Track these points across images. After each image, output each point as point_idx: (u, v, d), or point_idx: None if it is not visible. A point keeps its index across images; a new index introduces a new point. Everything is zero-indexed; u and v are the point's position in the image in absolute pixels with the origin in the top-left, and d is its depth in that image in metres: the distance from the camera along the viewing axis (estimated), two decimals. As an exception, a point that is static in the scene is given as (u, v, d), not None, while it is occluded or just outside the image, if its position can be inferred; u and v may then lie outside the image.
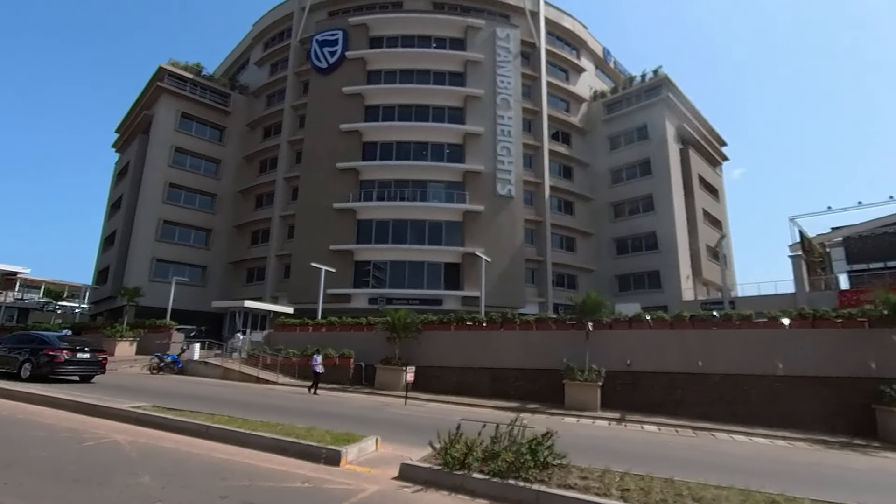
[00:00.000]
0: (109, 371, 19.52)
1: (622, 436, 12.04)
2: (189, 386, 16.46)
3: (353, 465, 6.16)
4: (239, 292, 37.28)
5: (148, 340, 26.00)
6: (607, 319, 18.21)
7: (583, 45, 44.82)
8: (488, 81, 36.88)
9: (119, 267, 38.04)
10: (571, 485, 5.09)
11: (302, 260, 32.61)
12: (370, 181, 35.86)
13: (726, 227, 45.48)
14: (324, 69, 37.81)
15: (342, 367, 20.66)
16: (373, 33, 38.58)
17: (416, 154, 36.48)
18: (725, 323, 16.81)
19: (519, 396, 18.35)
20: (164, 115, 39.04)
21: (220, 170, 41.21)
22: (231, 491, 4.89)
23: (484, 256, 26.03)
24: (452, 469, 5.48)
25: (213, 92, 41.67)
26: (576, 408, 16.39)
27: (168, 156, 38.62)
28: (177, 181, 38.66)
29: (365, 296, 33.43)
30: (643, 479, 5.37)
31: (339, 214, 34.54)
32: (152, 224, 37.06)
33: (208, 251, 39.66)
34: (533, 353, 18.84)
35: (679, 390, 16.65)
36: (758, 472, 7.58)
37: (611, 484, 5.15)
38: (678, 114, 40.70)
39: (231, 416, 8.10)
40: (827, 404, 14.98)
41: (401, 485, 5.46)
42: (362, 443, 6.65)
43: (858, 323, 15.31)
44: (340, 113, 36.23)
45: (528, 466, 5.30)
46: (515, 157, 35.91)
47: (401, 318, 19.98)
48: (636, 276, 38.53)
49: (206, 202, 40.39)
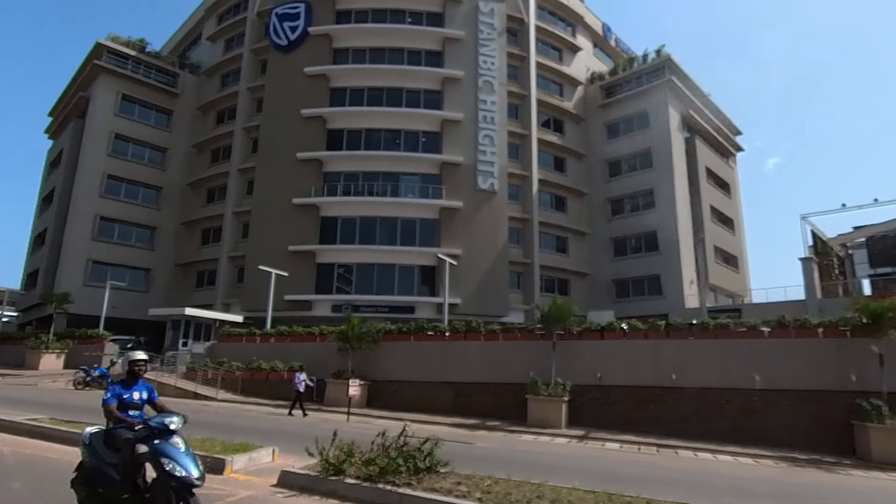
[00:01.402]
0: (27, 385, 20.26)
1: (565, 451, 12.99)
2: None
3: (237, 474, 7.00)
4: (188, 298, 37.86)
5: (77, 353, 26.71)
6: (577, 329, 19.10)
7: (579, 20, 45.82)
8: (469, 61, 37.71)
9: (50, 269, 38.63)
10: (438, 489, 5.95)
11: (256, 262, 33.23)
12: (335, 173, 36.62)
13: (739, 225, 46.63)
14: (284, 46, 38.55)
15: (290, 382, 21.41)
16: (340, 6, 39.34)
17: (387, 143, 37.26)
18: (702, 333, 17.76)
19: (482, 413, 19.24)
20: (102, 98, 39.69)
21: (166, 159, 41.90)
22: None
23: (450, 260, 26.93)
24: (328, 475, 6.33)
25: (158, 71, 42.37)
26: (539, 425, 17.28)
27: (107, 143, 39.27)
28: (116, 172, 39.30)
29: (328, 303, 34.14)
30: (511, 483, 6.24)
31: (299, 211, 35.23)
32: (88, 221, 37.69)
33: (152, 252, 40.34)
34: (498, 366, 19.72)
35: (652, 406, 17.59)
36: (673, 484, 8.47)
37: (478, 488, 6.02)
38: (684, 99, 41.73)
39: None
40: (806, 420, 15.96)
41: (276, 491, 6.31)
42: (254, 453, 7.49)
43: (840, 332, 16.29)
44: (302, 96, 36.92)
45: (400, 471, 6.16)
46: (499, 147, 36.76)
47: (354, 326, 20.82)
48: (635, 281, 39.50)
49: (151, 196, 41.06)
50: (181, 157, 42.45)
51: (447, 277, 26.50)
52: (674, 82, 40.44)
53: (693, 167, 40.85)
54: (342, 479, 6.24)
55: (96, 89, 39.98)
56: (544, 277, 38.60)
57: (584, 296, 39.79)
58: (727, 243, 43.23)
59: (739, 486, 9.55)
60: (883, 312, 15.35)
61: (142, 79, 41.21)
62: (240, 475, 6.96)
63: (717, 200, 43.10)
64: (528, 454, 11.80)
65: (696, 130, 42.63)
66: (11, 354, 28.06)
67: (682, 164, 39.95)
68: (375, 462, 6.30)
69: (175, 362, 23.54)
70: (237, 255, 37.36)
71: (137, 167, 40.45)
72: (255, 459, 7.36)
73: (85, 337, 27.61)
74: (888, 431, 14.28)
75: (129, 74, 40.60)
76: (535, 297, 37.34)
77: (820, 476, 12.10)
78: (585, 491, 6.23)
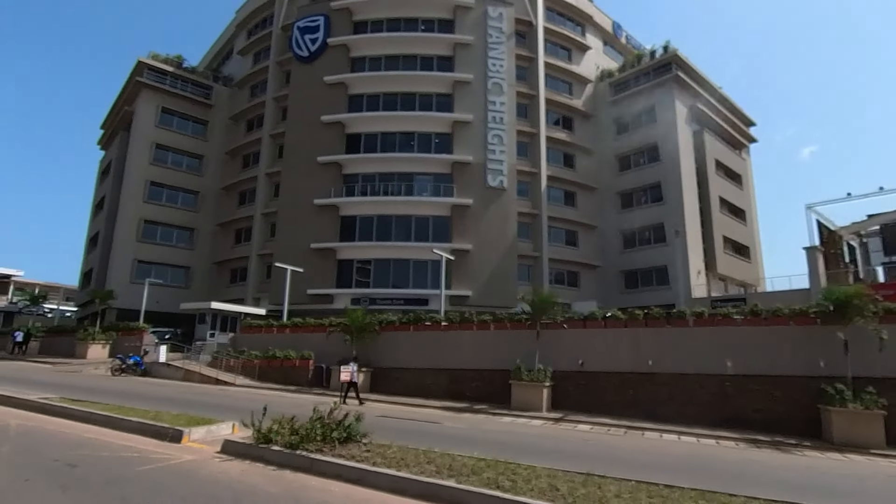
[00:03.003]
0: (72, 372, 22.03)
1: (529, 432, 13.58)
2: (136, 386, 18.65)
3: (194, 443, 7.91)
4: (223, 293, 39.81)
5: (120, 343, 28.60)
6: (561, 318, 19.49)
7: (588, 20, 45.50)
8: (479, 65, 38.15)
9: (101, 269, 41.16)
10: (344, 455, 6.69)
11: (283, 259, 34.67)
12: (353, 175, 37.72)
13: (752, 216, 45.57)
14: (305, 58, 39.84)
15: (301, 369, 22.61)
16: (356, 17, 40.37)
17: (401, 145, 38.14)
18: (678, 321, 17.90)
19: (474, 397, 19.87)
20: (144, 111, 41.88)
21: (202, 166, 43.89)
22: (67, 458, 6.69)
23: (447, 255, 27.55)
24: (259, 444, 7.15)
25: (194, 85, 44.33)
26: (522, 408, 17.81)
27: (149, 153, 41.45)
28: (158, 179, 41.47)
29: (348, 296, 35.30)
30: (412, 451, 6.94)
31: (321, 211, 36.54)
32: (133, 224, 39.96)
33: (192, 251, 42.40)
34: (489, 353, 20.31)
35: (630, 391, 17.86)
36: (603, 459, 8.91)
37: (379, 455, 6.73)
38: (692, 93, 41.06)
39: (121, 406, 9.98)
40: (776, 404, 15.98)
41: (217, 456, 7.18)
42: (213, 426, 8.40)
43: (811, 320, 16.20)
44: (322, 104, 38.18)
45: (316, 440, 6.92)
46: (508, 146, 37.13)
47: (357, 318, 21.75)
48: (643, 272, 39.24)
49: (190, 200, 43.13)
50: (216, 164, 44.37)
51: (443, 272, 27.22)
52: (681, 77, 39.85)
53: (701, 160, 40.21)
54: (270, 447, 7.05)
55: (139, 103, 42.17)
56: (554, 270, 38.80)
57: (593, 287, 39.87)
58: (738, 233, 42.37)
59: (667, 461, 9.91)
60: (848, 300, 15.24)
61: (179, 92, 43.23)
62: (195, 444, 7.87)
63: (728, 191, 42.26)
64: (489, 433, 12.41)
65: (705, 123, 41.84)
66: (65, 345, 30.27)
67: (689, 158, 39.39)
68: (298, 433, 7.09)
69: (201, 351, 24.98)
70: (265, 252, 38.92)
71: (177, 174, 42.54)
72: (214, 432, 8.25)
73: (127, 329, 29.50)
74: (849, 415, 14.25)
75: (167, 89, 42.67)
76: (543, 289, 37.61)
77: (768, 455, 12.25)
78: (476, 458, 6.86)
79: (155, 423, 8.30)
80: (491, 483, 5.75)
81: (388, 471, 6.08)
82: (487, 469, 6.38)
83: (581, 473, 6.56)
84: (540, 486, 5.79)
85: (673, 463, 9.80)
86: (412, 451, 7.11)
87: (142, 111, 41.94)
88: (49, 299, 61.07)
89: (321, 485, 6.04)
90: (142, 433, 8.24)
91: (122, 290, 36.56)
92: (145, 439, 7.99)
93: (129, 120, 43.11)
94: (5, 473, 5.93)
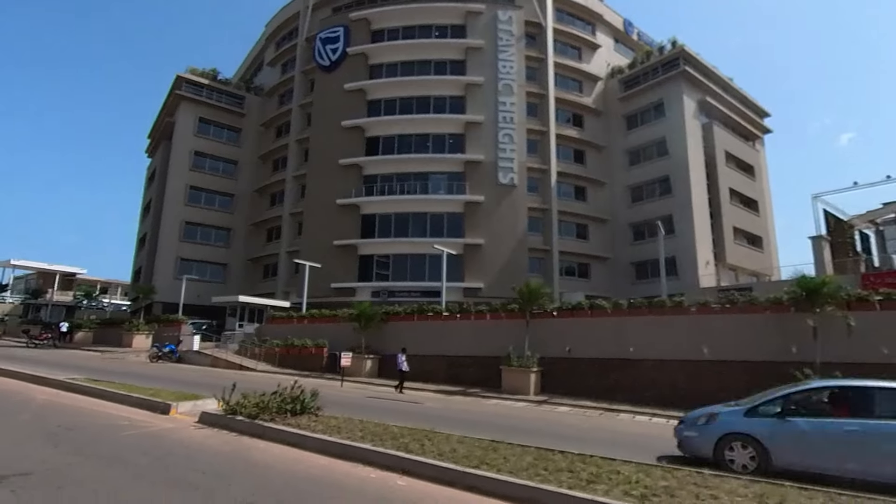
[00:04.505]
0: (114, 359, 23.90)
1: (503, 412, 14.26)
2: (165, 371, 20.20)
3: (181, 415, 8.98)
4: (256, 288, 41.65)
5: (161, 334, 30.57)
6: (551, 308, 20.01)
7: (598, 19, 45.17)
8: (489, 67, 38.57)
9: (148, 266, 43.68)
10: (294, 423, 7.61)
11: (308, 256, 36.14)
12: (373, 176, 38.82)
13: (765, 206, 44.48)
14: (327, 67, 41.10)
15: (316, 356, 23.84)
16: (374, 27, 41.33)
17: (417, 146, 38.96)
18: (659, 310, 18.18)
19: (471, 382, 20.65)
20: (183, 121, 44.06)
21: (237, 170, 45.88)
22: (69, 424, 7.83)
23: (448, 250, 28.22)
24: (227, 414, 8.15)
25: (228, 95, 46.30)
26: (511, 391, 18.50)
27: (188, 159, 43.63)
28: (197, 184, 43.62)
29: (369, 289, 36.50)
30: (354, 422, 7.82)
31: (343, 210, 37.81)
32: (176, 225, 42.23)
33: (228, 249, 44.49)
34: (485, 341, 21.03)
35: (613, 376, 18.27)
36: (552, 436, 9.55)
37: (324, 424, 7.62)
38: (701, 87, 40.36)
39: (131, 385, 11.22)
40: (748, 388, 16.04)
41: (193, 425, 8.21)
42: (199, 401, 9.47)
43: (785, 308, 16.25)
44: (343, 109, 39.36)
45: (271, 411, 7.87)
46: (518, 145, 37.50)
47: (365, 310, 22.81)
48: (653, 263, 38.83)
49: (226, 202, 45.19)
50: (249, 168, 46.28)
51: (444, 266, 27.90)
52: (688, 72, 39.24)
53: (710, 152, 39.54)
54: (235, 417, 8.03)
55: (179, 114, 44.37)
56: (564, 262, 39.03)
57: (604, 278, 39.90)
58: (750, 224, 41.52)
59: (603, 437, 10.48)
60: (817, 288, 15.29)
61: (215, 103, 45.23)
62: (181, 416, 8.95)
63: (739, 183, 41.38)
64: (460, 413, 13.17)
65: (715, 116, 41.08)
66: (113, 336, 32.52)
67: (697, 151, 38.80)
68: (258, 406, 8.05)
69: (230, 341, 26.55)
70: (293, 249, 40.39)
71: (214, 178, 44.63)
72: (199, 406, 9.31)
73: (167, 321, 31.47)
74: (814, 398, 14.34)
75: (204, 100, 44.71)
76: (554, 280, 37.94)
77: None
78: (407, 428, 7.67)
79: (151, 399, 9.45)
80: (401, 447, 6.53)
81: (319, 435, 6.95)
82: (408, 436, 7.18)
83: (494, 441, 7.27)
84: (442, 449, 6.53)
85: (608, 438, 10.37)
86: (354, 421, 7.98)
87: (181, 121, 44.12)
88: (109, 294, 65.29)
89: (265, 446, 6.97)
90: (139, 406, 9.40)
91: (167, 285, 38.78)
92: (141, 411, 9.12)
93: (171, 130, 45.39)
94: (16, 434, 7.09)
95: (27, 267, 49.95)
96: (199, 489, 5.04)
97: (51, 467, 5.48)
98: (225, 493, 4.99)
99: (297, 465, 6.15)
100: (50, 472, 5.30)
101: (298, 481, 5.60)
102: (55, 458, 5.90)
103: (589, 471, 5.79)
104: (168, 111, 46.14)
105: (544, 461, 6.21)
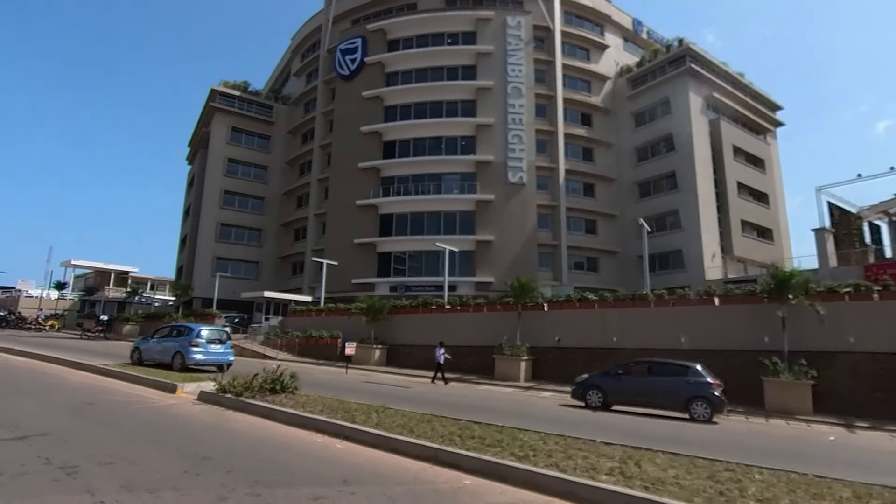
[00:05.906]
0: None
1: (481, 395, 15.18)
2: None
3: (185, 394, 10.28)
4: (286, 284, 43.60)
5: (198, 326, 32.51)
6: (542, 300, 20.74)
7: (606, 20, 45.05)
8: (499, 71, 39.14)
9: (189, 265, 46.17)
10: (270, 400, 8.77)
11: (331, 254, 37.69)
12: (390, 178, 40.02)
13: (776, 199, 43.67)
14: (346, 76, 42.46)
15: (331, 347, 25.19)
16: (390, 36, 42.40)
17: (431, 149, 39.92)
18: (642, 302, 18.70)
19: (469, 370, 21.59)
20: (218, 131, 46.27)
21: (267, 175, 47.89)
22: (91, 399, 9.19)
23: (450, 248, 28.98)
24: (220, 393, 9.37)
25: (258, 105, 48.32)
26: (503, 379, 19.37)
27: (223, 166, 45.84)
28: (231, 188, 45.80)
29: (387, 284, 37.77)
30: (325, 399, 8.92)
31: (362, 210, 39.16)
32: (212, 227, 44.50)
33: (260, 248, 46.59)
34: (482, 331, 21.93)
35: (598, 364, 18.83)
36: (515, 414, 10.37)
37: (295, 401, 8.74)
38: (708, 84, 39.93)
39: (150, 369, 12.66)
40: (724, 376, 16.48)
41: (191, 401, 9.47)
42: (203, 383, 10.75)
43: (758, 299, 16.57)
44: (362, 116, 40.66)
45: (252, 390, 9.04)
46: (527, 145, 38.02)
47: (373, 303, 24.01)
48: (661, 256, 38.93)
49: (257, 205, 47.27)
50: (278, 173, 48.22)
51: (447, 262, 28.72)
52: (694, 69, 38.90)
53: (717, 147, 39.14)
54: (225, 395, 9.24)
55: (214, 125, 46.60)
56: (573, 257, 39.39)
57: (613, 271, 40.12)
58: (759, 217, 40.94)
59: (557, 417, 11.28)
60: (787, 280, 15.56)
61: (246, 113, 47.29)
62: (185, 395, 10.24)
63: (748, 176, 40.80)
64: (441, 395, 14.15)
65: (723, 112, 40.58)
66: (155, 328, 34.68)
67: (704, 146, 38.50)
68: (244, 385, 9.24)
69: (256, 333, 28.21)
70: (318, 248, 42.05)
71: (245, 183, 46.73)
72: (203, 387, 10.57)
73: (202, 314, 33.42)
74: (781, 384, 14.79)
75: (236, 111, 46.81)
76: (562, 275, 38.43)
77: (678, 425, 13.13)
78: (365, 405, 8.71)
79: (162, 380, 10.82)
80: (348, 418, 7.58)
81: (286, 409, 8.08)
82: (360, 411, 8.22)
83: (437, 416, 8.23)
84: (386, 422, 7.52)
85: (557, 416, 11.18)
86: (321, 398, 9.07)
87: (216, 131, 46.33)
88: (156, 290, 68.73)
89: (243, 418, 8.14)
90: (153, 387, 10.76)
91: (205, 282, 40.99)
92: (152, 391, 10.47)
93: (207, 139, 47.70)
94: (47, 407, 8.46)
95: (85, 266, 53.34)
96: (172, 447, 6.20)
97: (65, 430, 6.75)
98: (190, 449, 6.13)
99: (261, 432, 7.27)
100: (63, 433, 6.55)
101: (256, 442, 6.71)
102: (71, 424, 7.18)
103: (496, 438, 6.69)
104: (204, 122, 48.47)
105: (466, 431, 7.14)
